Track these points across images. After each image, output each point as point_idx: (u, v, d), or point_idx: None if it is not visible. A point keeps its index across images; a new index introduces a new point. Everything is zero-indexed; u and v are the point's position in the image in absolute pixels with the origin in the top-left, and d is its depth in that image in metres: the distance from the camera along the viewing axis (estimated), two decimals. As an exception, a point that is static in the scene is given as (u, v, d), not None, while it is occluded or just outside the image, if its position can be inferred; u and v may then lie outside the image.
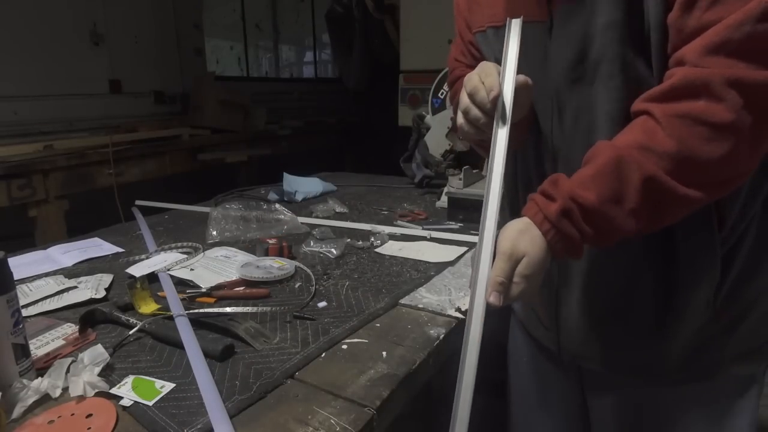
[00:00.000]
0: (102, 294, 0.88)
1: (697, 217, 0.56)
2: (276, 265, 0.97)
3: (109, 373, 0.64)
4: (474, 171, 1.42)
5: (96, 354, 0.63)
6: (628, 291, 0.64)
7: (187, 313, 0.76)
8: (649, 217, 0.52)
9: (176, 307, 0.78)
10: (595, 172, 0.52)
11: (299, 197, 1.60)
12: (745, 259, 0.60)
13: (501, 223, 0.57)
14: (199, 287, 0.89)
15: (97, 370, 0.62)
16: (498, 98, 0.58)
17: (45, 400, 0.60)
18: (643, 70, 0.56)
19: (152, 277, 0.91)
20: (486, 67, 0.61)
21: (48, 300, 0.86)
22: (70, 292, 0.89)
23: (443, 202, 1.43)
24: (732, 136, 0.48)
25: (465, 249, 1.10)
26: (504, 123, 0.58)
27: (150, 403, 0.58)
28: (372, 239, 1.15)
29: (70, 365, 0.63)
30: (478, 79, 0.60)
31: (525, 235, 0.54)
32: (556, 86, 0.63)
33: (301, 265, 0.99)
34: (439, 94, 1.65)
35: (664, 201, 0.51)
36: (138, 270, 0.94)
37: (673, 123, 0.50)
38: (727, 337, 0.63)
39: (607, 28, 0.56)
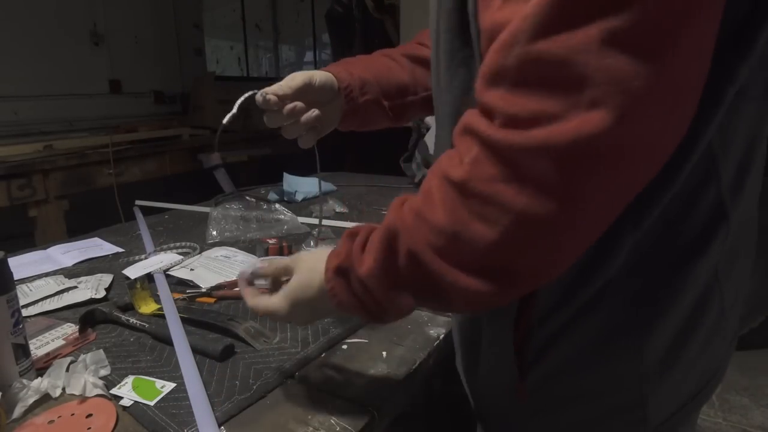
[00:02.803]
0: (102, 294, 0.88)
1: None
2: None
3: (109, 373, 0.64)
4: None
5: (98, 359, 0.64)
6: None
7: (186, 314, 0.76)
8: (429, 298, 0.43)
9: (170, 307, 0.78)
10: (378, 237, 0.44)
11: (299, 197, 1.60)
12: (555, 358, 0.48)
13: None
14: (199, 287, 0.89)
15: (99, 371, 0.62)
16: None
17: (45, 400, 0.60)
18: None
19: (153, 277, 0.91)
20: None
21: (48, 300, 0.86)
22: (70, 292, 0.89)
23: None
24: (517, 220, 0.35)
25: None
26: None
27: (151, 403, 0.58)
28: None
29: (69, 365, 0.63)
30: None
31: (316, 263, 0.50)
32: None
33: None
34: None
35: (436, 282, 0.41)
36: (134, 271, 0.94)
37: (446, 187, 0.39)
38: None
39: (443, 17, 0.47)
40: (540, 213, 0.34)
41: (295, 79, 0.67)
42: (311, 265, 0.52)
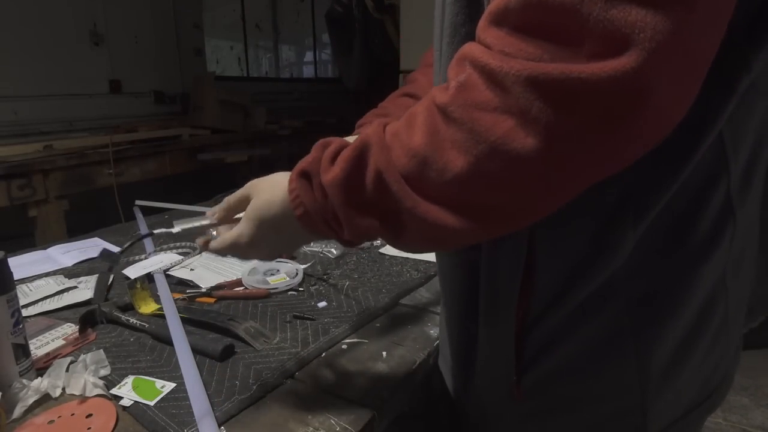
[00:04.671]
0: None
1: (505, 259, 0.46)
2: (281, 274, 0.95)
3: (109, 373, 0.64)
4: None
5: (98, 359, 0.64)
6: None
7: (186, 314, 0.76)
8: (387, 225, 0.42)
9: (169, 307, 0.78)
10: (350, 148, 0.43)
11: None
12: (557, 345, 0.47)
13: None
14: (199, 287, 0.89)
15: (99, 371, 0.62)
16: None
17: (45, 400, 0.60)
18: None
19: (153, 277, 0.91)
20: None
21: (48, 300, 0.86)
22: (70, 292, 0.89)
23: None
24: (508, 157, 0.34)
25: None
26: None
27: (151, 403, 0.58)
28: (372, 239, 1.15)
29: (69, 365, 0.63)
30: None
31: (276, 182, 0.48)
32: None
33: (305, 266, 0.99)
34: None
35: (396, 206, 0.40)
36: (134, 271, 0.94)
37: (432, 111, 0.38)
38: None
39: None
40: (516, 146, 0.33)
41: None
42: (273, 180, 0.50)
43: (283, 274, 0.94)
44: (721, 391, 0.52)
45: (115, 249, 1.15)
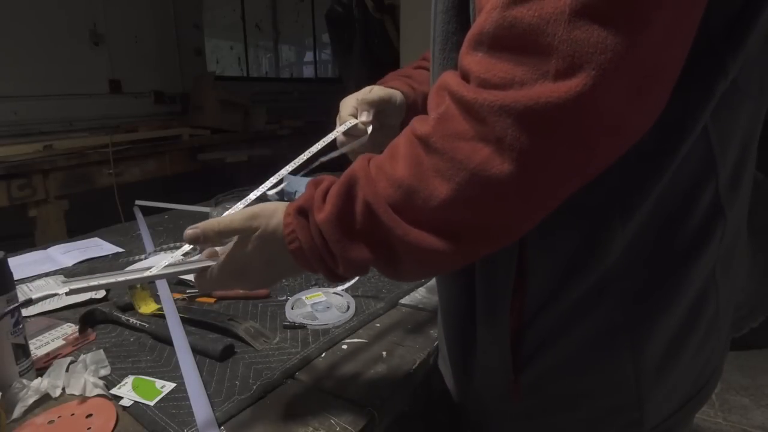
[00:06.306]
0: (102, 294, 0.88)
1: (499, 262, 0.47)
2: (332, 309, 0.81)
3: (109, 373, 0.64)
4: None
5: (98, 359, 0.64)
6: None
7: (186, 314, 0.76)
8: (381, 255, 0.43)
9: (169, 307, 0.78)
10: (338, 184, 0.44)
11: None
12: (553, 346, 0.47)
13: None
14: (199, 287, 0.89)
15: (99, 371, 0.62)
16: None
17: (45, 400, 0.60)
18: None
19: (152, 277, 0.91)
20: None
21: (48, 300, 0.86)
22: (70, 292, 0.89)
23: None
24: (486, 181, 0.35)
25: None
26: None
27: (151, 403, 0.58)
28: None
29: (69, 365, 0.63)
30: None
31: (275, 213, 0.49)
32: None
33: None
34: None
35: (387, 236, 0.41)
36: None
37: (413, 143, 0.40)
38: None
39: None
40: (493, 172, 0.35)
41: (373, 92, 0.64)
42: (274, 206, 0.50)
43: (334, 308, 0.82)
44: (711, 384, 0.53)
45: (116, 249, 1.15)
